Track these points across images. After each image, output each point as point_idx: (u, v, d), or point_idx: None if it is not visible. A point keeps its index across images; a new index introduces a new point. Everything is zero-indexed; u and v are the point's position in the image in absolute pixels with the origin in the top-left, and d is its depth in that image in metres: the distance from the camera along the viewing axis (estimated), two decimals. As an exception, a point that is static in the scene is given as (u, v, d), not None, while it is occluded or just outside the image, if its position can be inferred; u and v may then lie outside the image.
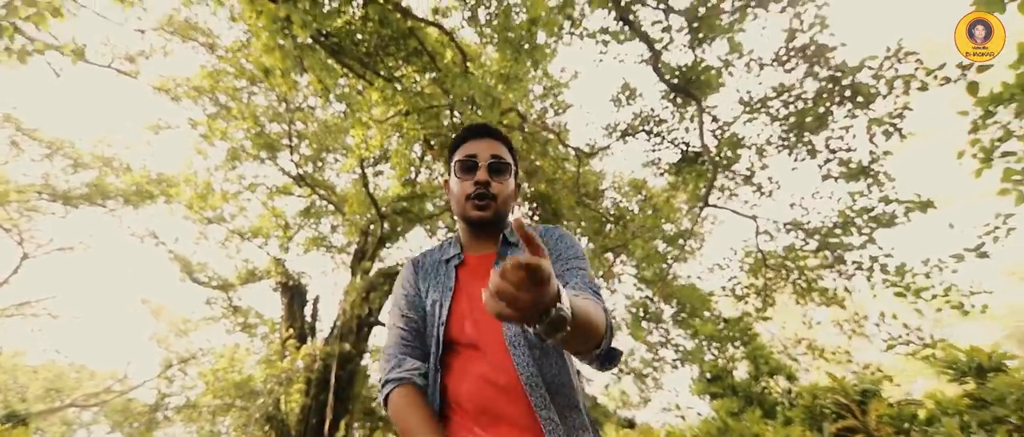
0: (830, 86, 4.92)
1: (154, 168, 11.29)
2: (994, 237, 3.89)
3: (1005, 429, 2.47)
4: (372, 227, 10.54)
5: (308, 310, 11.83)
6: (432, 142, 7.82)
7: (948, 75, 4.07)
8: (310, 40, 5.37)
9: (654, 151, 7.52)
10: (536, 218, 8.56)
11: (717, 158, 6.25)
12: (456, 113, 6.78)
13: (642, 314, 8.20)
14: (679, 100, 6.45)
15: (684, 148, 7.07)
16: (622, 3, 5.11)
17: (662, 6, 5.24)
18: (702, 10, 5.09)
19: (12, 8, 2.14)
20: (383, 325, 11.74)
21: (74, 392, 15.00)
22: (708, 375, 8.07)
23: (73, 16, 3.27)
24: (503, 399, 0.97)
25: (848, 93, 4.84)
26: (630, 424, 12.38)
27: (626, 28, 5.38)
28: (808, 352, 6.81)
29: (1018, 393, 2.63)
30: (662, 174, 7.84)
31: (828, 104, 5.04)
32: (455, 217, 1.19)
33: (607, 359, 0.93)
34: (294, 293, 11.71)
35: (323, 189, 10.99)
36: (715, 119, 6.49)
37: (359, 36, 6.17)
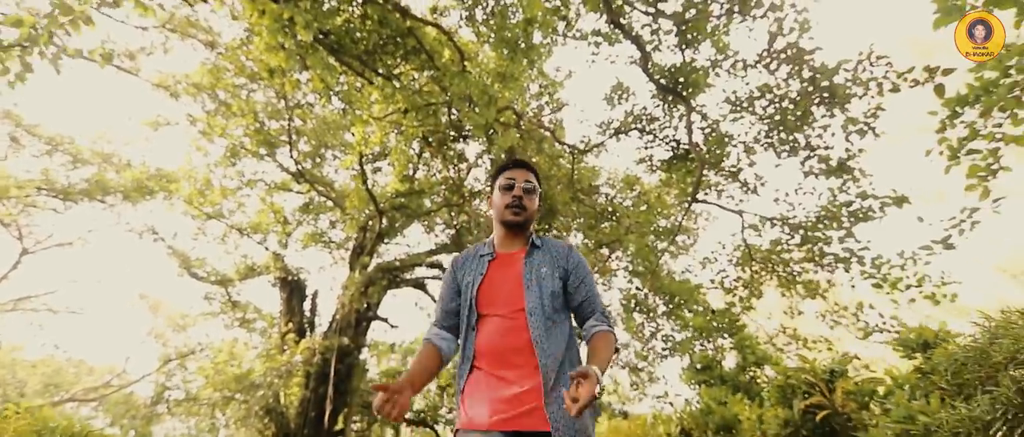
0: (809, 88, 5.16)
1: (153, 164, 11.37)
2: (960, 230, 4.15)
3: (937, 394, 2.79)
4: (371, 223, 10.69)
5: (307, 305, 11.97)
6: (430, 139, 7.97)
7: (916, 78, 4.33)
8: (311, 39, 5.50)
9: (646, 148, 7.72)
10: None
11: (706, 155, 6.47)
12: (454, 111, 6.93)
13: (634, 306, 8.44)
14: (669, 99, 6.66)
15: (675, 146, 7.28)
16: (613, 7, 5.30)
17: (652, 10, 5.45)
18: (690, 14, 5.30)
19: (52, 19, 2.32)
20: (381, 319, 12.01)
21: (73, 387, 15.10)
22: (698, 365, 8.33)
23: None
24: (515, 352, 1.37)
25: (826, 94, 5.08)
26: (624, 416, 12.65)
27: (617, 30, 5.58)
28: (792, 341, 7.09)
29: (947, 362, 2.95)
30: (654, 171, 8.06)
31: (808, 104, 5.28)
32: (495, 221, 1.60)
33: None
34: (293, 288, 11.85)
35: (322, 185, 11.11)
36: (704, 117, 6.71)
37: (358, 34, 6.29)
